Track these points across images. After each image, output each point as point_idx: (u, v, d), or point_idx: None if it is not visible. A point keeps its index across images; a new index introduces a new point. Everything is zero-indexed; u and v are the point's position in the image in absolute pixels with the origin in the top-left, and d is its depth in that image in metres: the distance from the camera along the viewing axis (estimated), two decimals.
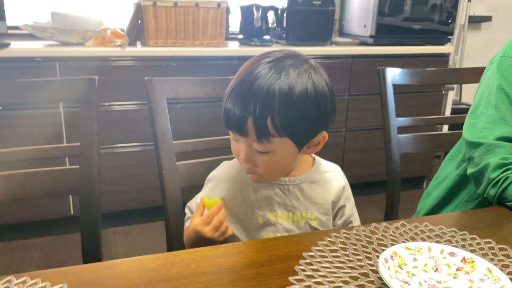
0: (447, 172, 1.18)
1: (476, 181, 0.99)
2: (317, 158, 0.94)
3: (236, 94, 0.75)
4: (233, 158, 0.93)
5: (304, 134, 0.79)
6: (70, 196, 2.15)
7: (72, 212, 2.18)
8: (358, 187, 2.72)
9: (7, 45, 1.92)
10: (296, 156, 0.83)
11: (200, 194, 0.92)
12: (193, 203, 0.94)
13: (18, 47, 1.96)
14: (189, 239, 0.83)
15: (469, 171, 1.00)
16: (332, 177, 0.91)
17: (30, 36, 2.21)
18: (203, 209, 0.83)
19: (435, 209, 1.17)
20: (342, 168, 0.99)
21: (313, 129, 0.79)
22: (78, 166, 1.01)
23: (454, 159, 1.17)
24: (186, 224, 0.94)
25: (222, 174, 0.91)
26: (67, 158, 1.96)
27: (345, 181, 0.94)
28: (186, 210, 0.96)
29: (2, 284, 0.60)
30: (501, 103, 0.98)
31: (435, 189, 1.20)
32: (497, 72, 1.01)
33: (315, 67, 0.79)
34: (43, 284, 0.60)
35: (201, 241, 0.80)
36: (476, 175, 0.97)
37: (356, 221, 0.94)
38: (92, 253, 1.04)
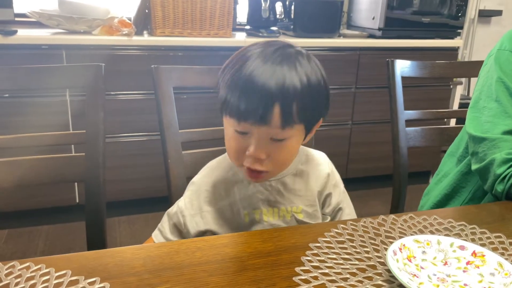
0: (447, 168, 1.16)
1: (482, 177, 0.97)
2: (300, 148, 0.89)
3: (252, 83, 0.70)
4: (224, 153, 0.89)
5: (314, 120, 0.78)
6: (76, 184, 2.16)
7: (77, 201, 2.19)
8: (363, 181, 2.72)
9: (14, 32, 1.92)
10: (300, 144, 0.81)
11: (182, 199, 0.87)
12: (173, 208, 0.88)
13: (25, 35, 1.96)
14: None
15: (474, 166, 0.98)
16: (316, 166, 0.89)
17: (37, 24, 2.20)
18: None
19: (437, 207, 1.16)
20: (348, 161, 0.98)
21: (320, 115, 0.79)
22: (83, 154, 1.00)
23: (454, 154, 1.15)
24: (156, 232, 0.89)
25: (206, 177, 0.87)
26: (73, 147, 1.96)
27: (330, 168, 0.90)
28: (164, 218, 0.89)
29: (6, 269, 0.60)
30: (501, 96, 0.96)
31: (436, 185, 1.18)
32: (495, 65, 1.00)
33: (311, 56, 0.78)
34: (47, 270, 0.60)
35: None
36: (482, 171, 0.96)
37: (348, 207, 0.92)
38: (96, 241, 1.03)
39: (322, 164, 0.90)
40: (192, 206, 0.85)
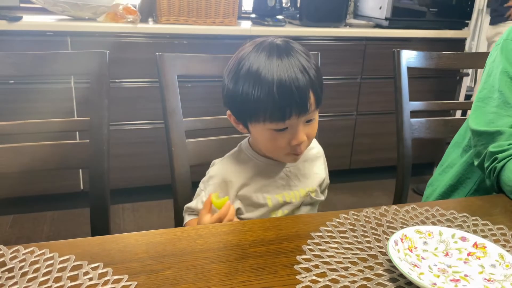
0: (452, 158, 1.16)
1: (482, 171, 0.97)
2: None
3: (283, 85, 0.76)
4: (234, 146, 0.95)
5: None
6: (80, 171, 2.17)
7: (82, 187, 2.20)
8: (367, 172, 2.72)
9: (19, 18, 1.92)
10: None
11: (202, 193, 0.90)
12: (194, 203, 0.91)
13: (30, 21, 1.95)
14: None
15: (475, 162, 0.98)
16: (314, 150, 0.98)
17: (42, 10, 2.20)
18: (210, 206, 0.82)
19: (443, 198, 1.15)
20: (352, 152, 1.01)
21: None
22: (88, 141, 1.01)
23: (459, 145, 1.14)
24: (188, 218, 0.92)
25: (225, 168, 0.90)
26: (77, 134, 1.97)
27: (319, 147, 1.01)
28: (185, 215, 0.93)
29: (11, 253, 0.61)
30: (505, 87, 0.95)
31: (440, 176, 1.18)
32: (501, 55, 0.98)
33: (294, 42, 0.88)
34: (50, 255, 0.60)
35: None
36: (480, 166, 0.96)
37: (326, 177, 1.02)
38: (100, 228, 1.04)
39: (317, 148, 1.00)
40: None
